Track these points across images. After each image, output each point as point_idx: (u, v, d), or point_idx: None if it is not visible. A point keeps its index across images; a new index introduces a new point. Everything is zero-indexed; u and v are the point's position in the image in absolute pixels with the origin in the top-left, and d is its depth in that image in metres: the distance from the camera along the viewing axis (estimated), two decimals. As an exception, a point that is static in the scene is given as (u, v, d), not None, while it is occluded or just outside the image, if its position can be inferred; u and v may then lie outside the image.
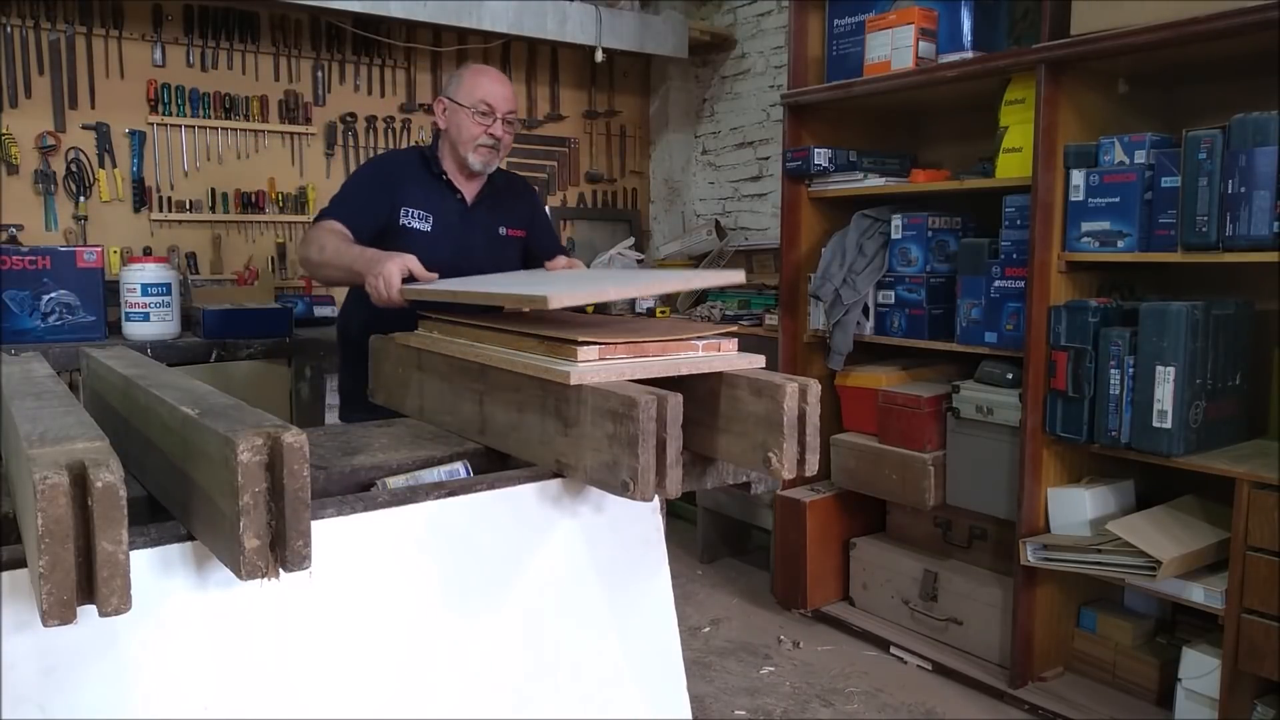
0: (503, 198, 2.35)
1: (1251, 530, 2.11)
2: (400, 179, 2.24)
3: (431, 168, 2.27)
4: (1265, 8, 2.02)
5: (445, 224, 2.24)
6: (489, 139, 2.20)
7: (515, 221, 2.35)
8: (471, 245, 2.24)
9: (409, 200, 2.21)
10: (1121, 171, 2.35)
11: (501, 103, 2.21)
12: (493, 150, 2.23)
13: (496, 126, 2.20)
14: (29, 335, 2.57)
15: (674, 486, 1.10)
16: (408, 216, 2.21)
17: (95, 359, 1.45)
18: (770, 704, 2.63)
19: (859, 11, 2.99)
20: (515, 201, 2.38)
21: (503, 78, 2.28)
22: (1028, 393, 2.51)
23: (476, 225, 2.28)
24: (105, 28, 3.48)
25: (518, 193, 2.41)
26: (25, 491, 0.81)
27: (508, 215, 2.34)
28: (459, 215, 2.27)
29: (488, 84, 2.22)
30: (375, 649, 1.11)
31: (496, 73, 2.29)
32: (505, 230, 2.32)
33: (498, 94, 2.21)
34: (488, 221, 2.30)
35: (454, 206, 2.27)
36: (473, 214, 2.29)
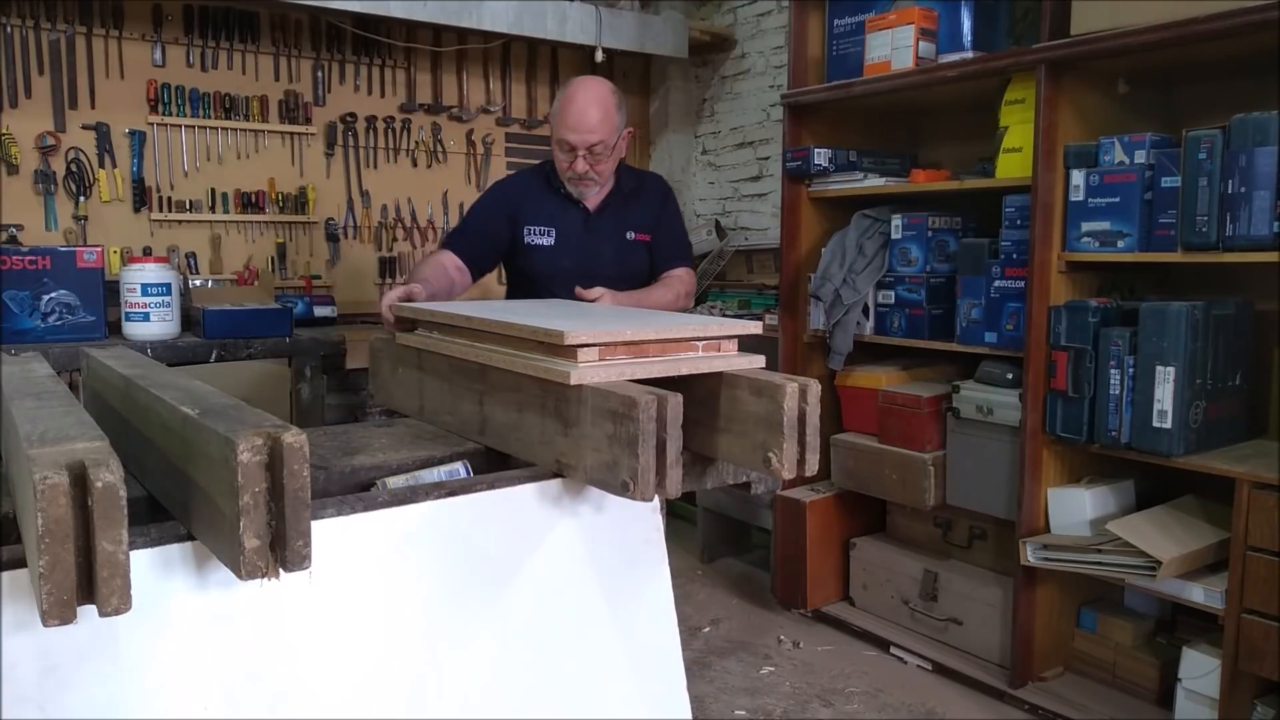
0: (630, 201, 2.31)
1: (1251, 530, 2.11)
2: (520, 200, 2.30)
3: (551, 182, 2.30)
4: (1265, 8, 2.02)
5: (567, 235, 2.27)
6: (572, 173, 2.20)
7: (641, 224, 2.31)
8: (597, 252, 2.25)
9: (531, 218, 2.28)
10: (1121, 171, 2.35)
11: (579, 138, 2.15)
12: (586, 182, 2.22)
13: (579, 163, 2.17)
14: (29, 335, 2.57)
15: (674, 486, 1.10)
16: (530, 234, 2.28)
17: (95, 359, 1.45)
18: (770, 704, 2.63)
19: (859, 11, 2.99)
20: (643, 203, 2.34)
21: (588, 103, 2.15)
22: (1028, 393, 2.51)
23: (602, 232, 2.27)
24: (105, 28, 3.48)
25: (647, 194, 2.36)
26: (25, 491, 0.81)
27: (634, 219, 2.31)
28: (582, 224, 2.28)
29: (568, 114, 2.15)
30: (375, 649, 1.11)
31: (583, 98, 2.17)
32: (633, 234, 2.29)
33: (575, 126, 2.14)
34: (614, 227, 2.28)
35: (576, 217, 2.28)
36: (597, 221, 2.28)
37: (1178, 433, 2.23)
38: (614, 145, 2.21)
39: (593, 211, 2.29)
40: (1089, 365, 2.36)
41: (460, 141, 4.27)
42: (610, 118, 2.19)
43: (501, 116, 4.35)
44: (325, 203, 3.96)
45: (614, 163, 2.26)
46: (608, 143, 2.18)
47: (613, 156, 2.23)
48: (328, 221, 3.96)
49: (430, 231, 4.20)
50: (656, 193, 2.38)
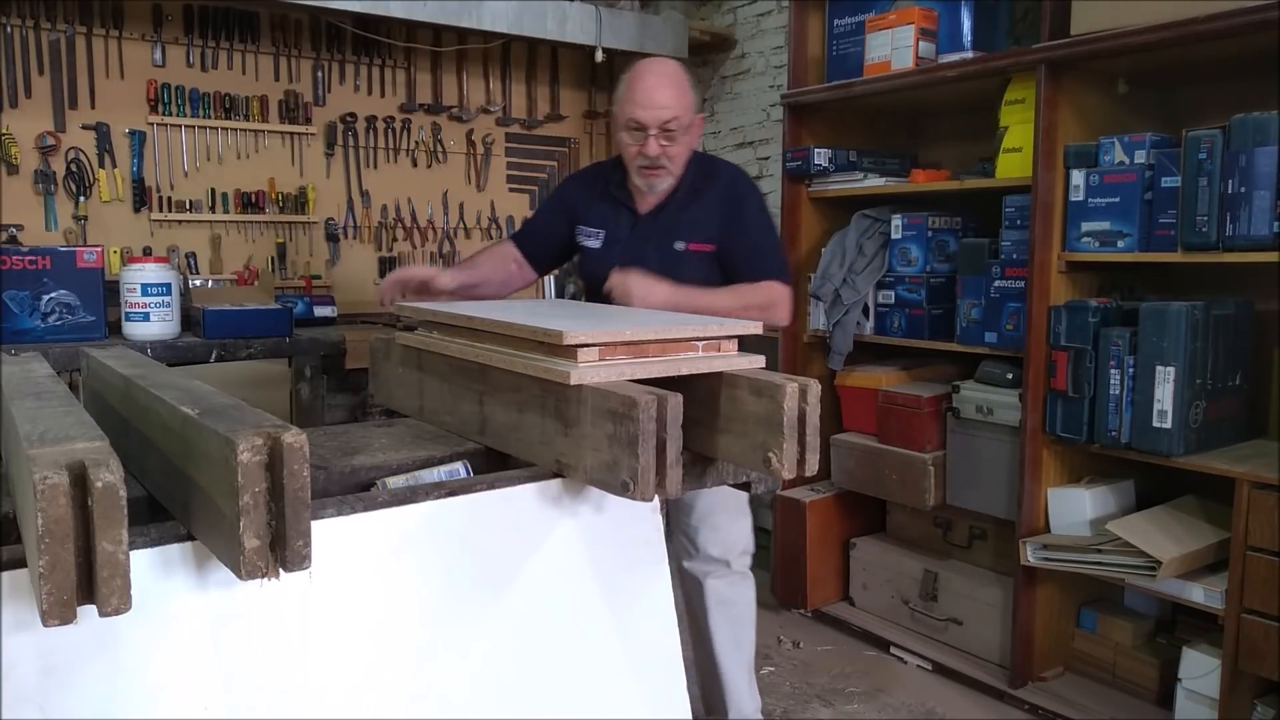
0: (689, 205, 2.04)
1: (1251, 530, 2.11)
2: (580, 198, 2.17)
3: (610, 181, 2.13)
4: (1265, 8, 2.02)
5: (613, 239, 2.09)
6: (643, 159, 1.97)
7: (700, 233, 2.02)
8: (640, 262, 1.96)
9: (585, 219, 2.14)
10: (1121, 171, 2.35)
11: (652, 115, 1.92)
12: (657, 170, 1.98)
13: (650, 144, 1.94)
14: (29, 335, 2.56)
15: (674, 486, 1.10)
16: (582, 235, 2.15)
17: (95, 359, 1.45)
18: (770, 704, 2.63)
19: (859, 11, 2.99)
20: (707, 207, 2.03)
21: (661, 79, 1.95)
22: (1028, 393, 2.51)
23: (646, 239, 2.04)
24: (105, 28, 3.48)
25: (714, 195, 2.05)
26: (25, 491, 0.81)
27: (691, 227, 2.02)
28: (629, 229, 2.07)
29: (637, 92, 1.95)
30: (375, 649, 1.11)
31: (656, 72, 1.97)
32: (684, 244, 2.01)
33: (646, 104, 1.92)
34: (662, 234, 2.04)
35: (625, 219, 2.09)
36: (645, 227, 2.06)
37: (1178, 433, 2.23)
38: (688, 125, 1.98)
39: (642, 215, 2.08)
40: (1089, 365, 2.36)
41: (460, 141, 4.27)
42: (685, 94, 1.98)
43: (501, 116, 4.35)
44: (325, 203, 3.96)
45: (687, 150, 2.03)
46: (682, 120, 1.96)
47: (688, 141, 2.01)
48: (328, 221, 3.96)
49: (430, 231, 4.20)
50: (727, 194, 2.06)
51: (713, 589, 2.18)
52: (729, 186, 2.08)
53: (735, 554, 2.21)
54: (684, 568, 2.22)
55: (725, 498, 2.13)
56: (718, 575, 2.19)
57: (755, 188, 2.16)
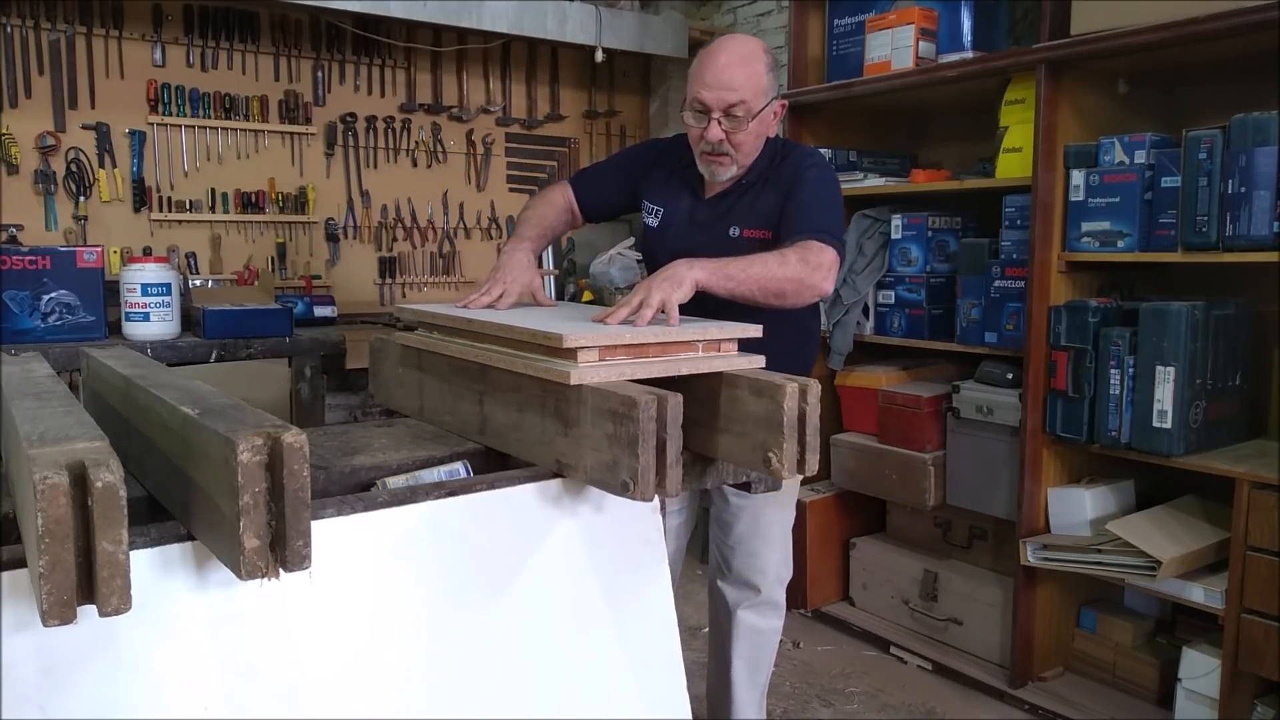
0: (756, 190, 1.90)
1: (1251, 530, 2.11)
2: (650, 166, 2.03)
3: (681, 159, 1.97)
4: (1265, 8, 2.02)
5: (671, 221, 1.97)
6: (705, 144, 1.82)
7: (759, 219, 1.87)
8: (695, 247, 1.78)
9: (649, 192, 2.01)
10: (1121, 171, 2.35)
11: (715, 96, 1.76)
12: (720, 158, 1.83)
13: (712, 129, 1.78)
14: (29, 335, 2.56)
15: (674, 486, 1.10)
16: (645, 210, 2.02)
17: (95, 359, 1.45)
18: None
19: (859, 11, 2.99)
20: (770, 193, 1.88)
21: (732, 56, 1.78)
22: (1028, 393, 2.51)
23: (705, 225, 1.92)
24: (105, 28, 3.48)
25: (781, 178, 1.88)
26: (25, 491, 0.81)
27: (750, 214, 1.88)
28: (689, 212, 1.95)
29: (705, 69, 1.78)
30: (375, 649, 1.11)
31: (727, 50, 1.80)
32: (739, 231, 1.88)
33: (711, 83, 1.77)
34: (719, 222, 1.91)
35: (686, 202, 1.96)
36: (706, 212, 1.93)
37: (1178, 433, 2.23)
38: (758, 113, 1.80)
39: (705, 199, 1.94)
40: (1089, 365, 2.36)
41: (460, 141, 4.27)
42: (758, 77, 1.79)
43: (501, 116, 4.35)
44: (325, 203, 3.96)
45: (757, 139, 1.85)
46: (750, 106, 1.78)
47: (756, 129, 1.82)
48: (328, 221, 3.96)
49: (430, 231, 4.20)
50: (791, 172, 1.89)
51: (742, 619, 2.15)
52: (794, 166, 1.90)
53: (769, 580, 2.13)
54: (716, 585, 2.20)
55: (767, 523, 2.08)
56: (749, 605, 2.14)
57: (822, 160, 1.96)
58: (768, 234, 1.85)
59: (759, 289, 1.65)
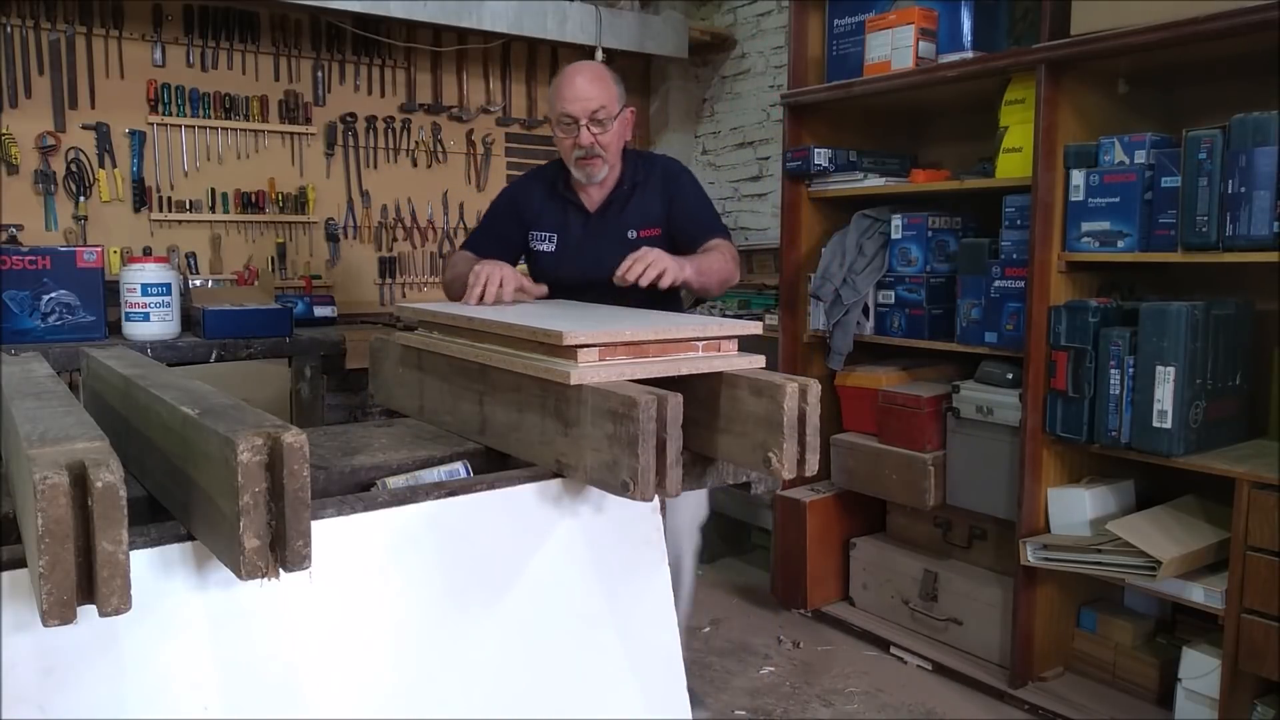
0: (634, 196, 2.17)
1: (1251, 530, 2.11)
2: (527, 204, 2.25)
3: (555, 185, 2.22)
4: (1265, 8, 2.02)
5: (568, 241, 2.18)
6: (579, 150, 2.09)
7: (647, 219, 2.16)
8: (600, 256, 2.05)
9: (536, 224, 2.22)
10: (1121, 171, 2.35)
11: (579, 106, 2.05)
12: (591, 160, 2.10)
13: (582, 135, 2.06)
14: (29, 335, 2.57)
15: (674, 486, 1.10)
16: (535, 240, 2.22)
17: (95, 359, 1.45)
18: (770, 704, 2.63)
19: (859, 11, 2.99)
20: (648, 194, 2.17)
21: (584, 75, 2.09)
22: (1028, 393, 2.51)
23: (602, 234, 2.14)
24: (105, 28, 3.48)
25: (653, 182, 2.19)
26: (25, 491, 0.81)
27: (638, 215, 2.16)
28: (583, 228, 2.18)
29: (565, 88, 2.08)
30: (375, 649, 1.11)
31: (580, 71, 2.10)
32: (635, 233, 2.14)
33: (573, 97, 2.06)
34: (614, 227, 2.15)
35: (577, 219, 2.19)
36: (598, 222, 2.17)
37: (1178, 433, 2.23)
38: (617, 116, 2.10)
39: (593, 213, 2.19)
40: (1089, 365, 2.36)
41: (460, 141, 4.27)
42: (608, 86, 2.10)
43: (501, 116, 4.35)
44: (325, 203, 3.96)
45: (620, 141, 2.14)
46: (610, 109, 2.08)
47: (619, 131, 2.12)
48: (328, 221, 3.96)
49: (430, 231, 4.20)
50: (663, 177, 2.21)
51: None
52: (663, 172, 2.23)
53: None
54: None
55: None
56: None
57: (685, 167, 2.31)
58: (657, 231, 2.15)
59: (715, 282, 2.07)
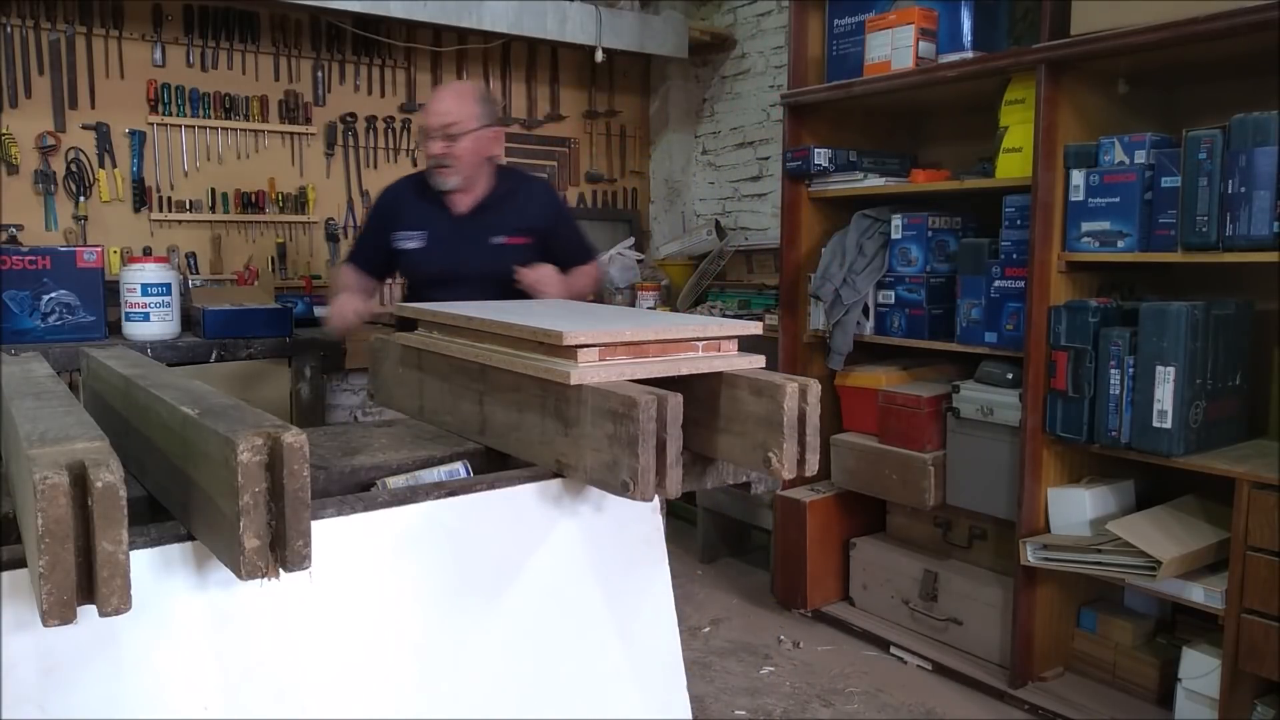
0: (506, 204, 2.36)
1: (1251, 530, 2.11)
2: (394, 209, 2.44)
3: (426, 187, 2.39)
4: (1265, 8, 2.02)
5: (436, 239, 2.36)
6: (432, 159, 2.30)
7: (517, 229, 2.35)
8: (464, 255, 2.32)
9: (402, 224, 2.39)
10: (1121, 171, 2.35)
11: (434, 119, 2.27)
12: (443, 169, 2.30)
13: (434, 145, 2.28)
14: (29, 335, 2.57)
15: (674, 486, 1.10)
16: (400, 239, 2.39)
17: (95, 359, 1.45)
18: (770, 704, 2.63)
19: (859, 11, 2.99)
20: (521, 208, 2.38)
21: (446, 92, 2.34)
22: (1028, 393, 2.51)
23: (468, 236, 2.33)
24: (105, 28, 3.48)
25: (526, 199, 2.41)
26: (25, 491, 0.81)
27: (507, 222, 2.35)
28: (450, 228, 2.35)
29: (430, 103, 2.32)
30: (375, 649, 1.11)
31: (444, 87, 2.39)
32: (502, 239, 2.34)
33: (430, 111, 2.29)
34: (480, 231, 2.34)
35: (444, 220, 2.36)
36: (465, 225, 2.35)
37: (1178, 433, 2.23)
38: (471, 131, 2.29)
39: (463, 214, 2.36)
40: (1089, 365, 2.36)
41: (460, 141, 4.27)
42: (467, 105, 2.30)
43: (501, 116, 4.35)
44: (325, 203, 3.96)
45: (474, 154, 2.32)
46: (463, 125, 2.27)
47: (472, 145, 2.30)
48: (328, 221, 3.96)
49: (430, 231, 4.20)
50: (540, 200, 2.45)
51: None
52: (541, 192, 2.51)
53: None
54: None
55: None
56: None
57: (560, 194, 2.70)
58: (526, 240, 2.34)
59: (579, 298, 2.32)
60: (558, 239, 2.43)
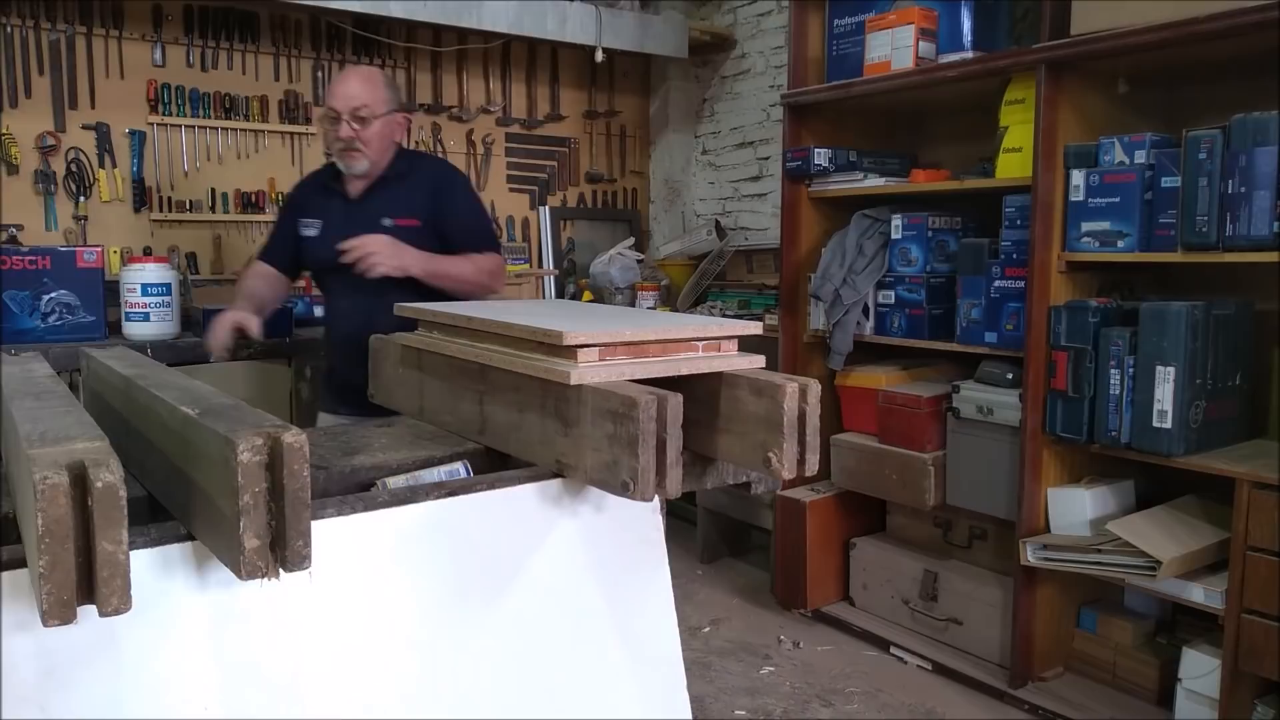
0: (397, 188, 2.30)
1: (1251, 530, 2.11)
2: (299, 200, 2.43)
3: (326, 179, 2.39)
4: (1265, 8, 2.02)
5: (330, 225, 2.31)
6: (340, 142, 2.23)
7: (407, 210, 2.27)
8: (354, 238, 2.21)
9: (304, 213, 2.38)
10: (1121, 171, 2.35)
11: (342, 102, 2.20)
12: (349, 152, 2.23)
13: (343, 128, 2.21)
14: (29, 335, 2.57)
15: (674, 486, 1.10)
16: (302, 227, 2.37)
17: (95, 359, 1.45)
18: (770, 704, 2.63)
19: (859, 11, 2.99)
20: (411, 188, 2.30)
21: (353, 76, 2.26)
22: (1028, 393, 2.51)
23: (359, 220, 2.27)
24: (105, 28, 3.48)
25: (420, 180, 2.32)
26: (25, 491, 0.81)
27: (397, 206, 2.27)
28: (343, 214, 2.30)
29: (333, 86, 2.26)
30: (375, 649, 1.11)
31: (351, 71, 2.30)
32: (391, 221, 2.25)
33: (338, 94, 2.22)
34: (371, 215, 2.27)
35: (339, 206, 2.32)
36: (358, 209, 2.30)
37: (1178, 433, 2.23)
38: (380, 116, 2.23)
39: (354, 199, 2.31)
40: (1089, 365, 2.36)
41: (460, 141, 4.27)
42: (376, 89, 2.24)
43: (501, 116, 4.35)
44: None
45: (382, 139, 2.26)
46: (372, 109, 2.22)
47: (380, 130, 2.24)
48: (328, 221, 3.96)
49: (430, 231, 4.20)
50: (434, 179, 2.34)
51: None
52: (435, 172, 2.39)
53: None
54: None
55: None
56: None
57: (461, 174, 2.46)
58: (415, 222, 2.26)
59: (458, 287, 2.20)
60: (448, 220, 2.30)
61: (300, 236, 2.37)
